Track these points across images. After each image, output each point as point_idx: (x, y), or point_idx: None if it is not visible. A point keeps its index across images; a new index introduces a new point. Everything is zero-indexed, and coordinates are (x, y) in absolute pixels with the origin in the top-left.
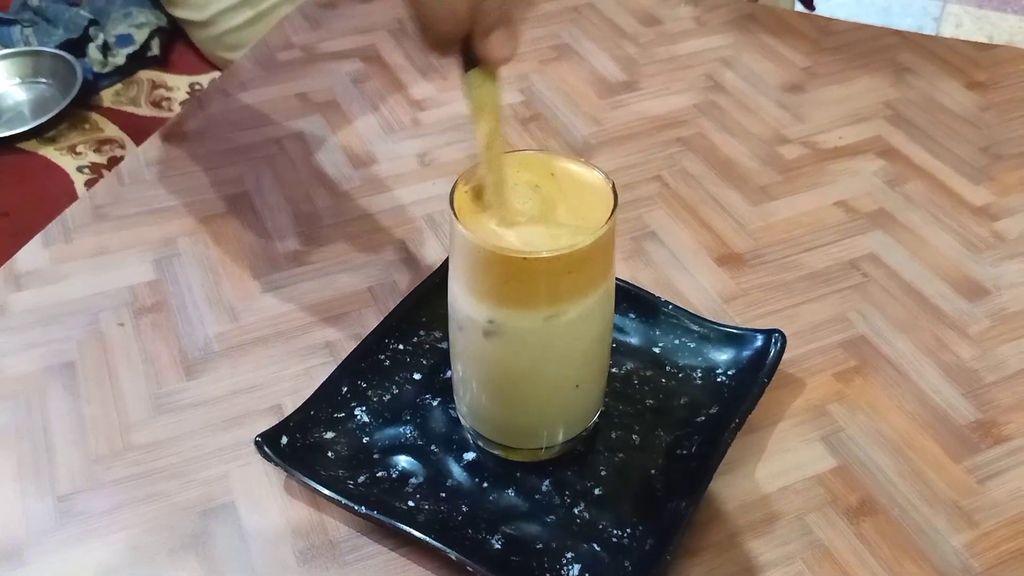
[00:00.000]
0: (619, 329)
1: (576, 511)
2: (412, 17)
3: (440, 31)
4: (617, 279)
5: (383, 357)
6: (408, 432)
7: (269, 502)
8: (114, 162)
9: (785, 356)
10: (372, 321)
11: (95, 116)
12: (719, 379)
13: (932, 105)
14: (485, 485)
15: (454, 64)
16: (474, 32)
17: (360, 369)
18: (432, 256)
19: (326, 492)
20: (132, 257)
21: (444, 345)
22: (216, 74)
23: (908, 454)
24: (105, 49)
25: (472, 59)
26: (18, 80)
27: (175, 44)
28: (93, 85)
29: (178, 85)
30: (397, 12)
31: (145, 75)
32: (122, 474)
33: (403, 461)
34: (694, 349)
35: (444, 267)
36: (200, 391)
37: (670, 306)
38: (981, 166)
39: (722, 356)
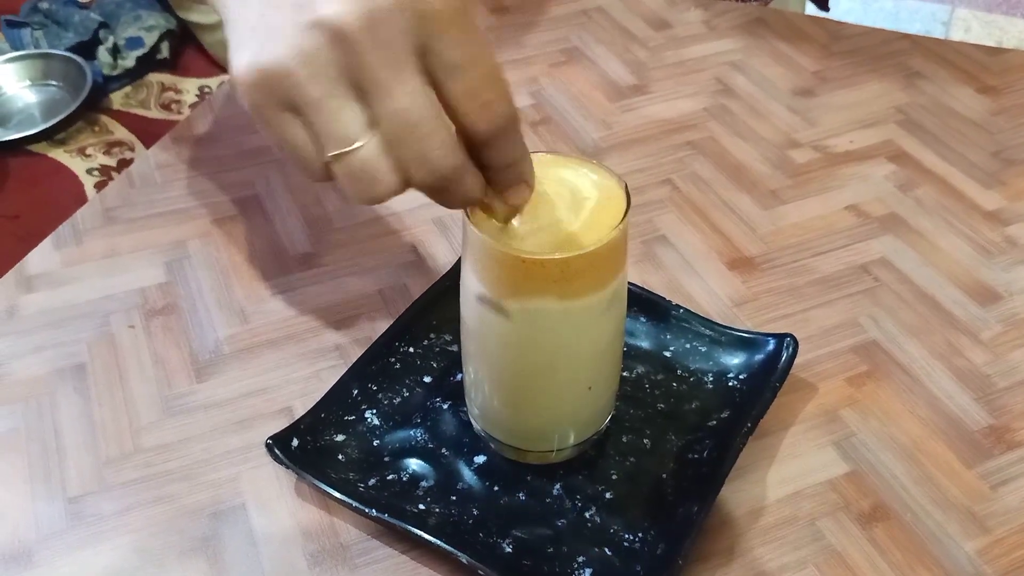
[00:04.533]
0: (629, 333)
1: (587, 515)
2: (427, 192)
3: (461, 200)
4: (627, 283)
5: (393, 360)
6: (419, 435)
7: (279, 505)
8: (123, 164)
9: (796, 360)
10: (382, 324)
11: (105, 119)
12: (730, 383)
13: (943, 110)
14: (496, 489)
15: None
16: (492, 190)
17: (370, 372)
18: (442, 259)
19: (337, 495)
20: (142, 260)
21: (455, 348)
22: (226, 77)
23: (920, 459)
24: (115, 52)
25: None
26: (28, 83)
27: (185, 47)
28: (103, 88)
29: (187, 88)
30: None
31: (155, 78)
32: (132, 476)
33: (414, 464)
34: (705, 353)
35: (454, 270)
36: (210, 393)
37: (681, 310)
38: (992, 171)
39: (733, 360)
